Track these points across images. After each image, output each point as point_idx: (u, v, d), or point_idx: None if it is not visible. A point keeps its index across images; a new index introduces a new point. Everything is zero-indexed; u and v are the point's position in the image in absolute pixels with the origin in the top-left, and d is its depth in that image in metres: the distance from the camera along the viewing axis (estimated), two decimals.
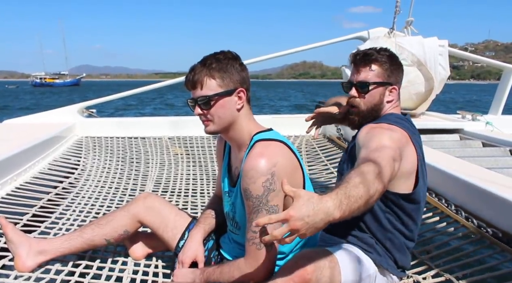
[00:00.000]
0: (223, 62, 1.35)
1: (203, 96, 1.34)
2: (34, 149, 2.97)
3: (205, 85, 1.34)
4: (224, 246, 1.62)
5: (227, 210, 1.54)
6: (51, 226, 2.09)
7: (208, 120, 1.38)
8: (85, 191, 2.72)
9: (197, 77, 1.34)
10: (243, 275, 1.35)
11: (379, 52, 1.57)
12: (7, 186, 2.48)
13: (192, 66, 1.36)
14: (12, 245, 1.63)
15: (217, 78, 1.34)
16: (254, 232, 1.29)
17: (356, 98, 1.59)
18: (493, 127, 4.28)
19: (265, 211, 1.28)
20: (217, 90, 1.34)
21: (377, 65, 1.56)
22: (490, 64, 5.34)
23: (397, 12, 4.37)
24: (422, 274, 1.72)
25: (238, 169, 1.45)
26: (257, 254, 1.32)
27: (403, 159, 1.39)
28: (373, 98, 1.57)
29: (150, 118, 4.88)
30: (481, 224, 2.00)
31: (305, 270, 1.25)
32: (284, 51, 5.00)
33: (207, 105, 1.35)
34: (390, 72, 1.58)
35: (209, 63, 1.34)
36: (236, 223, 1.49)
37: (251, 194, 1.28)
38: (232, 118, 1.38)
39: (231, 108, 1.37)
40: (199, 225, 1.66)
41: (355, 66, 1.60)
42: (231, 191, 1.50)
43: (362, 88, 1.57)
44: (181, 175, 3.26)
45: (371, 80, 1.56)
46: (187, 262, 1.55)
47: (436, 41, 4.26)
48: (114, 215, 1.71)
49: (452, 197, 2.32)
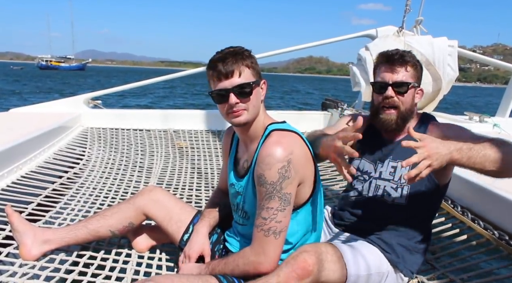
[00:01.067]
0: (248, 54, 1.36)
1: (245, 84, 1.32)
2: (40, 138, 2.97)
3: (243, 73, 1.32)
4: (230, 240, 1.61)
5: (235, 201, 1.54)
6: (56, 216, 2.09)
7: (243, 109, 1.34)
8: (89, 182, 2.73)
9: (234, 66, 1.31)
10: (248, 263, 1.34)
11: (409, 54, 1.58)
12: (13, 174, 2.49)
13: (220, 57, 1.32)
14: (17, 234, 1.63)
15: (250, 67, 1.35)
16: (264, 218, 1.31)
17: (394, 98, 1.54)
18: (500, 129, 4.24)
19: (277, 198, 1.29)
20: (252, 79, 1.34)
21: (411, 67, 1.56)
22: (500, 66, 5.29)
23: (407, 11, 4.33)
24: (427, 275, 1.71)
25: (248, 161, 1.45)
26: (264, 241, 1.32)
27: None
28: (410, 100, 1.57)
29: (156, 111, 4.87)
30: (488, 226, 1.99)
31: (306, 262, 1.28)
32: (292, 47, 4.97)
33: (245, 94, 1.33)
34: (419, 74, 1.60)
35: (240, 53, 1.33)
36: (245, 213, 1.49)
37: (266, 180, 1.29)
38: (259, 109, 1.39)
39: (259, 99, 1.39)
40: (204, 219, 1.66)
41: (391, 66, 1.55)
42: (238, 182, 1.50)
43: (400, 89, 1.54)
44: (185, 168, 3.26)
45: (409, 81, 1.55)
46: (193, 256, 1.56)
47: (445, 41, 4.22)
48: (120, 207, 1.72)
49: (458, 198, 2.30)
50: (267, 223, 1.31)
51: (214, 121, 4.31)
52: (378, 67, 1.60)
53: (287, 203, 1.31)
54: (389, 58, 1.56)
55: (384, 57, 1.58)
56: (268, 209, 1.31)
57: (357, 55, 4.42)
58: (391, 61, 1.55)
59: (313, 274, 1.28)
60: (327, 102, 5.35)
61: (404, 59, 1.55)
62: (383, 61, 1.58)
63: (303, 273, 1.27)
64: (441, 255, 1.93)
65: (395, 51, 1.57)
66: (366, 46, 4.28)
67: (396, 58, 1.55)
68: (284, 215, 1.31)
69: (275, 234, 1.31)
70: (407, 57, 1.56)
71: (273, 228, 1.31)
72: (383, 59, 1.58)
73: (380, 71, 1.58)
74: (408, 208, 1.57)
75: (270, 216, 1.31)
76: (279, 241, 1.33)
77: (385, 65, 1.57)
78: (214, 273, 1.41)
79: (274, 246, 1.33)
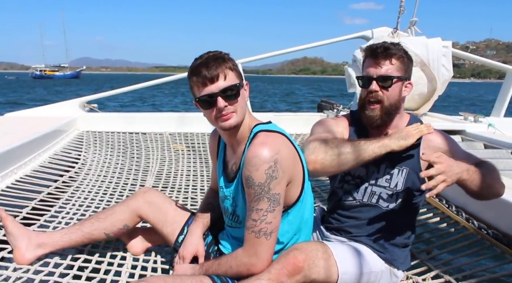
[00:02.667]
0: (228, 56, 1.36)
1: (232, 86, 1.31)
2: (35, 142, 2.96)
3: (228, 76, 1.31)
4: (223, 242, 1.61)
5: (225, 205, 1.54)
6: (51, 220, 2.09)
7: (232, 112, 1.33)
8: (85, 185, 2.72)
9: (218, 70, 1.30)
10: (240, 264, 1.34)
11: (395, 46, 1.53)
12: (7, 178, 2.48)
13: (202, 62, 1.31)
14: (12, 238, 1.62)
15: (233, 70, 1.34)
16: (254, 220, 1.31)
17: (378, 92, 1.51)
18: (495, 129, 4.27)
19: (266, 199, 1.29)
20: (237, 81, 1.34)
21: (396, 59, 1.51)
22: (495, 66, 5.32)
23: (401, 12, 4.35)
24: (422, 275, 1.71)
25: (236, 164, 1.44)
26: (255, 243, 1.32)
27: None
28: (395, 94, 1.52)
29: (151, 114, 4.88)
30: (482, 225, 2.00)
31: (297, 259, 1.30)
32: (287, 49, 4.99)
33: (233, 97, 1.32)
34: (407, 67, 1.54)
35: (221, 56, 1.33)
36: (237, 217, 1.49)
37: (254, 182, 1.29)
38: (245, 110, 1.39)
39: (245, 101, 1.38)
40: (197, 220, 1.65)
41: (375, 60, 1.51)
42: (228, 186, 1.50)
43: (384, 82, 1.50)
44: (181, 171, 3.26)
45: (393, 74, 1.51)
46: (188, 257, 1.55)
47: (439, 42, 4.24)
48: (114, 210, 1.71)
49: (453, 198, 2.31)
50: (258, 225, 1.31)
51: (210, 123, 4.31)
52: (365, 62, 1.57)
53: (276, 203, 1.31)
54: (373, 51, 1.52)
55: (369, 51, 1.54)
56: (258, 210, 1.30)
57: (352, 57, 4.44)
58: (375, 55, 1.51)
59: (304, 271, 1.30)
60: (322, 103, 5.36)
61: (388, 52, 1.50)
62: (368, 55, 1.55)
63: (293, 270, 1.28)
64: (436, 254, 1.93)
65: (380, 45, 1.52)
66: (361, 47, 4.30)
67: (379, 52, 1.50)
68: (274, 215, 1.31)
69: (266, 235, 1.31)
70: (393, 49, 1.50)
71: (264, 229, 1.31)
72: (368, 53, 1.55)
73: (366, 65, 1.55)
74: (401, 212, 1.57)
75: (260, 218, 1.30)
76: (270, 241, 1.33)
77: (370, 59, 1.53)
78: (207, 274, 1.40)
79: (266, 247, 1.33)
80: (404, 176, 1.54)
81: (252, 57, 4.83)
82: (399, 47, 1.54)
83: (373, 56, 1.51)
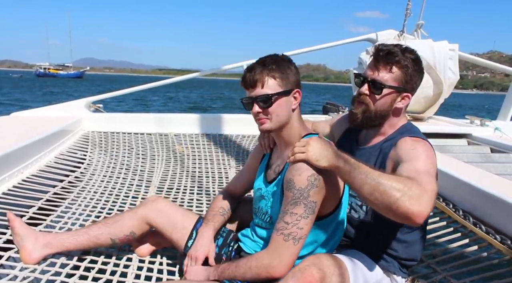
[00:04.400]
0: (281, 63, 1.40)
1: (264, 95, 1.37)
2: (41, 142, 2.97)
3: (266, 84, 1.38)
4: (245, 240, 1.60)
5: (260, 204, 1.54)
6: (57, 220, 2.09)
7: (265, 118, 1.41)
8: (90, 186, 2.73)
9: (258, 77, 1.37)
10: (261, 266, 1.34)
11: (404, 53, 1.42)
12: (14, 178, 2.49)
13: (251, 66, 1.40)
14: (18, 238, 1.63)
15: (277, 78, 1.38)
16: (286, 222, 1.32)
17: (366, 96, 1.46)
18: (502, 133, 4.24)
19: (303, 205, 1.31)
20: (277, 90, 1.39)
21: (398, 68, 1.42)
22: (502, 70, 5.30)
23: (408, 14, 4.34)
24: (429, 279, 1.71)
25: (279, 166, 1.48)
26: (282, 245, 1.32)
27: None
28: (384, 103, 1.45)
29: (157, 115, 4.88)
30: (489, 230, 1.98)
31: (313, 277, 1.26)
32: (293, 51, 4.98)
33: (266, 104, 1.38)
34: (409, 78, 1.44)
35: (269, 64, 1.39)
36: (269, 217, 1.49)
37: (294, 185, 1.31)
38: (287, 118, 1.43)
39: (287, 108, 1.42)
40: (208, 223, 1.66)
41: (375, 62, 1.44)
42: (266, 186, 1.51)
43: (375, 88, 1.43)
44: (186, 172, 3.26)
45: (387, 83, 1.42)
46: (200, 258, 1.55)
47: (446, 45, 4.23)
48: (122, 216, 1.72)
49: (460, 202, 2.30)
50: (289, 228, 1.32)
51: (215, 125, 4.32)
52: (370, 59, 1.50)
53: (311, 211, 1.32)
54: (377, 52, 1.44)
55: (375, 49, 1.46)
56: (292, 214, 1.32)
57: (358, 59, 4.44)
58: (377, 58, 1.44)
59: None
60: (328, 106, 5.36)
61: (391, 58, 1.41)
62: (373, 54, 1.47)
63: None
64: (442, 259, 1.92)
65: (385, 47, 1.43)
66: (366, 50, 4.30)
67: (381, 55, 1.42)
68: (306, 222, 1.32)
69: (294, 240, 1.32)
70: (397, 56, 1.40)
71: (294, 233, 1.32)
72: (373, 52, 1.47)
73: (368, 64, 1.49)
74: (375, 224, 1.50)
75: (293, 221, 1.31)
76: (296, 247, 1.33)
77: (372, 60, 1.46)
78: (223, 276, 1.40)
79: (291, 251, 1.33)
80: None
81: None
82: (409, 55, 1.43)
83: (375, 58, 1.45)
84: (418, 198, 1.13)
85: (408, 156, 1.33)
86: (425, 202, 1.14)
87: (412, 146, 1.37)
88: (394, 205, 1.14)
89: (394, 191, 1.15)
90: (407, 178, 1.20)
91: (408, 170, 1.26)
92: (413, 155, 1.33)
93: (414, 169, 1.26)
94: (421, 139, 1.42)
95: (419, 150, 1.34)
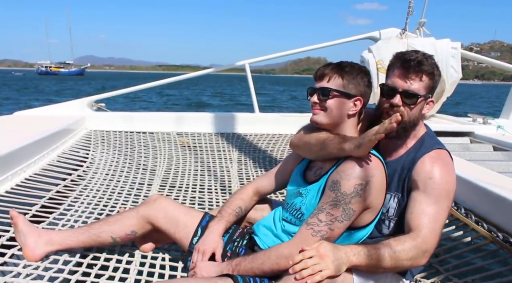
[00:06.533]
0: (356, 70, 1.48)
1: (325, 87, 1.46)
2: (44, 141, 2.99)
3: (332, 80, 1.47)
4: (263, 236, 1.59)
5: (295, 200, 1.53)
6: (60, 217, 2.10)
7: (320, 109, 1.48)
8: (93, 184, 2.74)
9: (327, 72, 1.48)
10: (281, 255, 1.34)
11: (427, 60, 1.43)
12: (17, 176, 2.50)
13: (328, 63, 1.51)
14: (21, 235, 1.64)
15: (344, 79, 1.46)
16: (320, 220, 1.34)
17: (400, 108, 1.43)
18: (504, 131, 4.23)
19: (342, 209, 1.33)
20: (339, 88, 1.46)
21: (426, 76, 1.43)
22: (505, 68, 5.27)
23: (410, 13, 4.32)
24: (431, 278, 1.71)
25: (323, 169, 1.48)
26: (308, 239, 1.34)
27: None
28: (417, 112, 1.46)
29: (159, 114, 4.89)
30: (492, 228, 1.98)
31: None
32: (294, 50, 4.98)
33: (325, 96, 1.46)
34: (435, 84, 1.46)
35: (344, 66, 1.48)
36: (301, 214, 1.49)
37: (339, 188, 1.33)
38: (340, 119, 1.48)
39: (344, 110, 1.47)
40: (221, 219, 1.64)
41: (405, 72, 1.42)
42: (303, 186, 1.51)
43: (409, 99, 1.42)
44: (188, 170, 3.26)
45: (421, 93, 1.43)
46: (208, 252, 1.54)
47: (448, 43, 4.21)
48: (124, 214, 1.72)
49: (462, 200, 2.29)
50: (320, 226, 1.33)
51: (218, 123, 4.33)
52: (392, 68, 1.48)
53: (347, 217, 1.34)
54: (405, 62, 1.42)
55: (400, 60, 1.45)
56: (328, 214, 1.34)
57: (360, 58, 4.42)
58: (407, 67, 1.42)
59: None
60: None
61: (421, 68, 1.41)
62: (398, 63, 1.45)
63: None
64: (444, 257, 1.92)
65: (414, 57, 1.42)
66: (369, 48, 4.28)
67: (412, 65, 1.41)
68: (339, 226, 1.34)
69: (321, 238, 1.33)
70: (426, 65, 1.41)
71: (323, 232, 1.33)
72: (398, 62, 1.45)
73: (393, 74, 1.46)
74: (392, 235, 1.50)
75: (327, 221, 1.33)
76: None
77: (400, 70, 1.44)
78: (237, 270, 1.40)
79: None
80: (396, 201, 1.49)
81: (259, 58, 4.84)
82: (432, 62, 1.45)
83: (404, 68, 1.43)
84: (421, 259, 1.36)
85: (424, 187, 1.41)
86: (424, 260, 1.38)
87: (429, 173, 1.42)
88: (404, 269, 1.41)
89: (406, 263, 1.34)
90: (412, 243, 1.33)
91: (418, 212, 1.38)
92: (428, 188, 1.40)
93: (422, 212, 1.38)
94: (439, 158, 1.45)
95: (435, 179, 1.40)
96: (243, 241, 1.66)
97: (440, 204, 1.40)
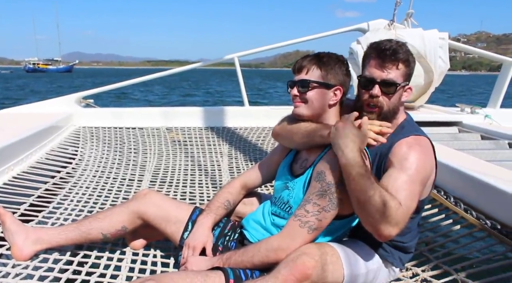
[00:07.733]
0: (334, 60, 1.49)
1: (304, 80, 1.47)
2: (32, 138, 2.94)
3: (310, 72, 1.48)
4: (252, 230, 1.59)
5: (282, 194, 1.54)
6: (49, 216, 2.08)
7: (301, 102, 1.49)
8: (82, 181, 2.71)
9: (305, 64, 1.49)
10: (271, 248, 1.35)
11: (401, 48, 1.43)
12: (4, 175, 2.47)
13: (306, 55, 1.53)
14: (9, 234, 1.62)
15: (323, 70, 1.47)
16: (307, 211, 1.35)
17: (379, 98, 1.44)
18: (492, 120, 4.28)
19: (328, 198, 1.33)
20: (318, 80, 1.47)
21: (403, 64, 1.44)
22: (491, 58, 5.33)
23: (398, 4, 4.33)
24: (421, 267, 1.72)
25: (308, 161, 1.49)
26: (296, 231, 1.35)
27: (428, 180, 1.44)
28: (396, 100, 1.46)
29: (148, 109, 4.86)
30: (480, 216, 2.01)
31: (305, 265, 1.27)
32: (282, 43, 4.96)
33: (304, 88, 1.47)
34: (411, 71, 1.48)
35: (322, 57, 1.49)
36: (289, 207, 1.49)
37: (325, 178, 1.34)
38: (322, 110, 1.49)
39: (324, 100, 1.48)
40: (210, 213, 1.64)
41: (381, 62, 1.43)
42: (292, 179, 1.52)
43: (387, 88, 1.43)
44: (179, 165, 3.25)
45: (399, 81, 1.43)
46: (198, 248, 1.54)
47: (436, 33, 4.24)
48: (113, 210, 1.70)
49: (451, 189, 2.32)
50: (308, 216, 1.34)
51: (207, 117, 4.31)
52: (367, 59, 1.49)
53: (334, 206, 1.34)
54: (380, 52, 1.43)
55: (375, 50, 1.45)
56: (315, 204, 1.34)
57: (349, 49, 4.42)
58: (382, 57, 1.42)
59: (312, 277, 1.28)
60: None
61: (397, 56, 1.41)
62: (373, 54, 1.45)
63: (301, 276, 1.26)
64: (434, 246, 1.94)
65: (388, 46, 1.42)
66: (357, 40, 4.29)
67: (387, 54, 1.41)
68: (326, 216, 1.34)
69: (309, 229, 1.34)
70: (401, 53, 1.42)
71: (311, 223, 1.34)
72: (373, 52, 1.45)
73: (370, 64, 1.47)
74: None
75: (314, 211, 1.34)
76: (310, 236, 1.35)
77: (375, 60, 1.44)
78: (228, 263, 1.40)
79: (303, 239, 1.35)
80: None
81: (249, 51, 4.81)
82: (406, 49, 1.46)
83: (380, 57, 1.43)
84: (391, 225, 1.27)
85: (400, 166, 1.38)
86: (394, 231, 1.28)
87: (405, 154, 1.40)
88: (371, 223, 1.29)
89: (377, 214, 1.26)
90: (398, 205, 1.27)
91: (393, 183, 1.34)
92: (403, 167, 1.37)
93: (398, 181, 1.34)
94: (417, 143, 1.43)
95: (410, 160, 1.38)
96: (235, 234, 1.66)
97: (413, 186, 1.36)
